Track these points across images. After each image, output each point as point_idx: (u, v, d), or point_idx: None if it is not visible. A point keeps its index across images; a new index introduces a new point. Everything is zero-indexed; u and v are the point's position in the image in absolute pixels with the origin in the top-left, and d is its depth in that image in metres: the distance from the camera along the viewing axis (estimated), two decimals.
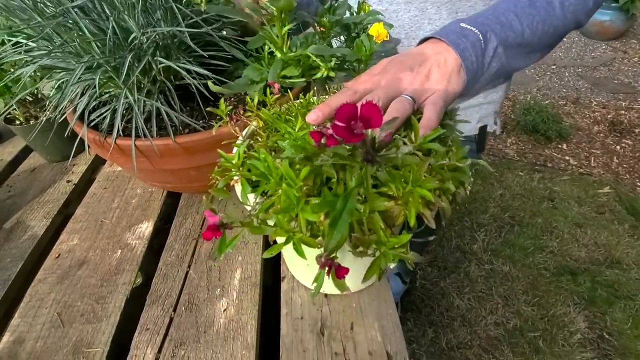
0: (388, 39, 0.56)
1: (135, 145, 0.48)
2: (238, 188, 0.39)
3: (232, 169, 0.37)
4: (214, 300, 0.51)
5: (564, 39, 3.15)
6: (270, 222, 0.33)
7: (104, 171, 0.76)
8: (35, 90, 0.72)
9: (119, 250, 0.59)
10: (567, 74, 2.74)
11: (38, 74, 0.61)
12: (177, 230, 0.62)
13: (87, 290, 0.53)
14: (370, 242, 0.29)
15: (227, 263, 0.56)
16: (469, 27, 0.45)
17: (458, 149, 0.33)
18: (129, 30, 0.45)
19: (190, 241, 0.60)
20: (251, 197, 0.36)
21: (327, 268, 0.27)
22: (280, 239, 0.33)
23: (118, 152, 0.51)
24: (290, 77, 0.55)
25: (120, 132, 0.50)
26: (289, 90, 0.49)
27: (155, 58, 0.47)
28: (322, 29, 0.56)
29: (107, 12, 0.43)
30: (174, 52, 0.49)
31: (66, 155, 0.79)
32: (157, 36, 0.45)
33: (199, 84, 0.50)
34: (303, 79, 0.55)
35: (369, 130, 0.20)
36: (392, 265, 0.28)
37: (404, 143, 0.35)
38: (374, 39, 0.55)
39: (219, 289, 0.53)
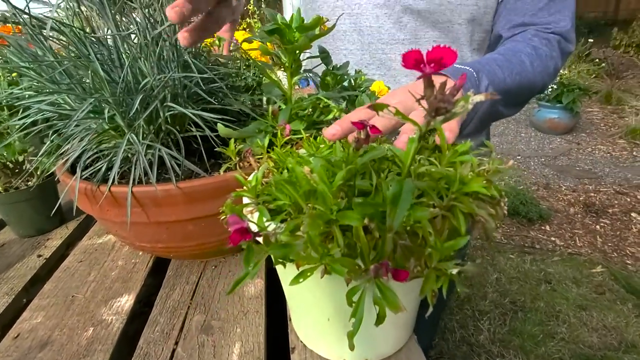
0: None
1: (131, 192, 0.44)
2: (253, 218, 0.35)
3: (248, 196, 0.34)
4: None
5: (522, 134, 3.46)
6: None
7: (81, 244, 0.68)
8: (22, 160, 0.69)
9: (91, 328, 0.49)
10: (532, 163, 2.96)
11: (28, 138, 0.59)
12: (163, 303, 0.53)
13: None
14: (422, 252, 0.25)
15: (223, 337, 0.47)
16: (462, 66, 0.49)
17: (494, 159, 0.32)
18: (142, 75, 0.45)
19: (178, 314, 0.51)
20: (270, 225, 0.32)
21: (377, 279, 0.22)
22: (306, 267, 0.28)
23: (110, 202, 0.46)
24: (296, 133, 0.55)
25: (116, 182, 0.46)
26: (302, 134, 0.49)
27: (164, 104, 0.46)
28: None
29: (123, 58, 0.44)
30: (184, 101, 0.49)
31: (40, 230, 0.72)
32: (168, 82, 0.45)
33: (205, 134, 0.49)
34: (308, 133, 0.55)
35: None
36: (454, 271, 0.23)
37: (431, 162, 0.34)
38: (376, 94, 0.57)
39: None
